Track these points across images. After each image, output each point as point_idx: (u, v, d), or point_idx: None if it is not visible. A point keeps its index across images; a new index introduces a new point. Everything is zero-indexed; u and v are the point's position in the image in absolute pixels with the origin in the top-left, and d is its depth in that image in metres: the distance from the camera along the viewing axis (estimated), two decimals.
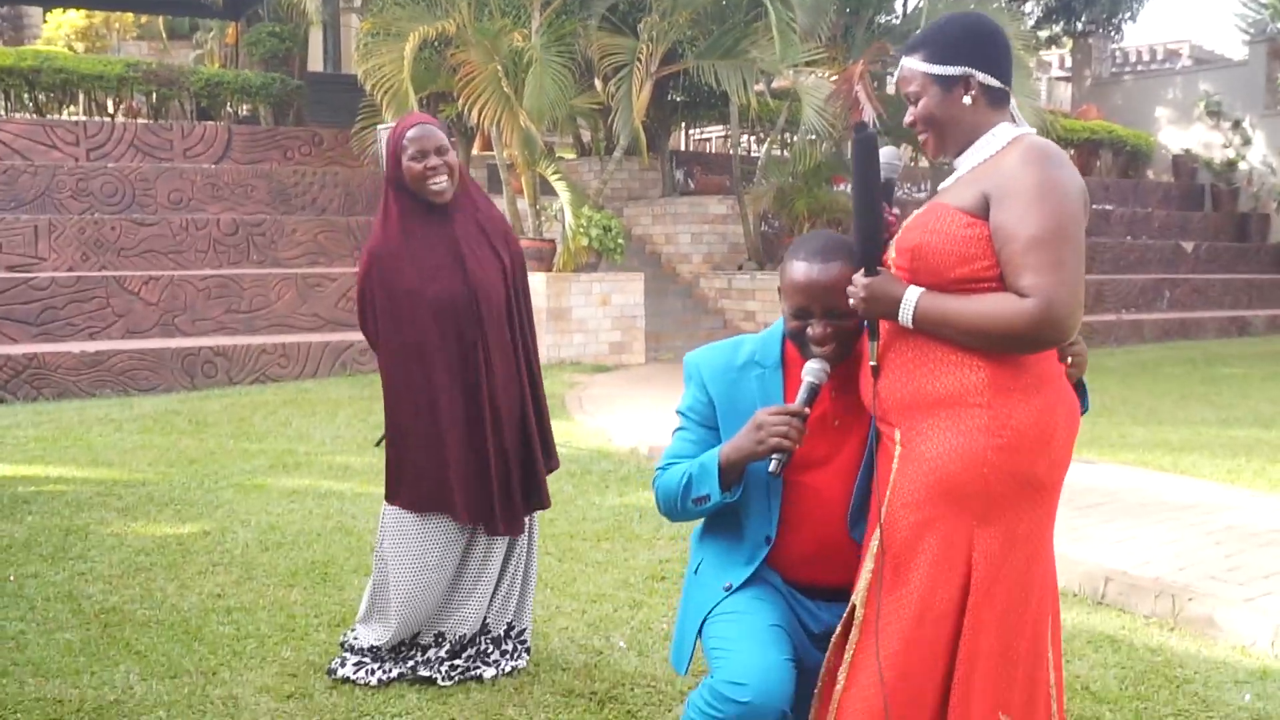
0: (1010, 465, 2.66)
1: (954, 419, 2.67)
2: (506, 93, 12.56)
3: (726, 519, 3.13)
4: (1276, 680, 4.27)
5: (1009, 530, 2.69)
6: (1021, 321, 2.57)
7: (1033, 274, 2.57)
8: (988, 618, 2.68)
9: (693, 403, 3.20)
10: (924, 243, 2.70)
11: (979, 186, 2.70)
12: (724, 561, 3.14)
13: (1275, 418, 10.52)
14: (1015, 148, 2.72)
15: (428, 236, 4.02)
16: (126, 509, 6.61)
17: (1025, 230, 2.59)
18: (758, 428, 2.89)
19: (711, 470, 2.97)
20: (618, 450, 8.66)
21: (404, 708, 3.87)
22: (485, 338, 4.04)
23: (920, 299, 2.68)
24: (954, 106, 2.80)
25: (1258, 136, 23.90)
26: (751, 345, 3.19)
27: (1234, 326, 19.64)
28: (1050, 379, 2.72)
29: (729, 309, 16.09)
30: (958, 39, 2.81)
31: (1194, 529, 6.15)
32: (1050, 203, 2.60)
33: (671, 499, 3.10)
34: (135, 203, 14.17)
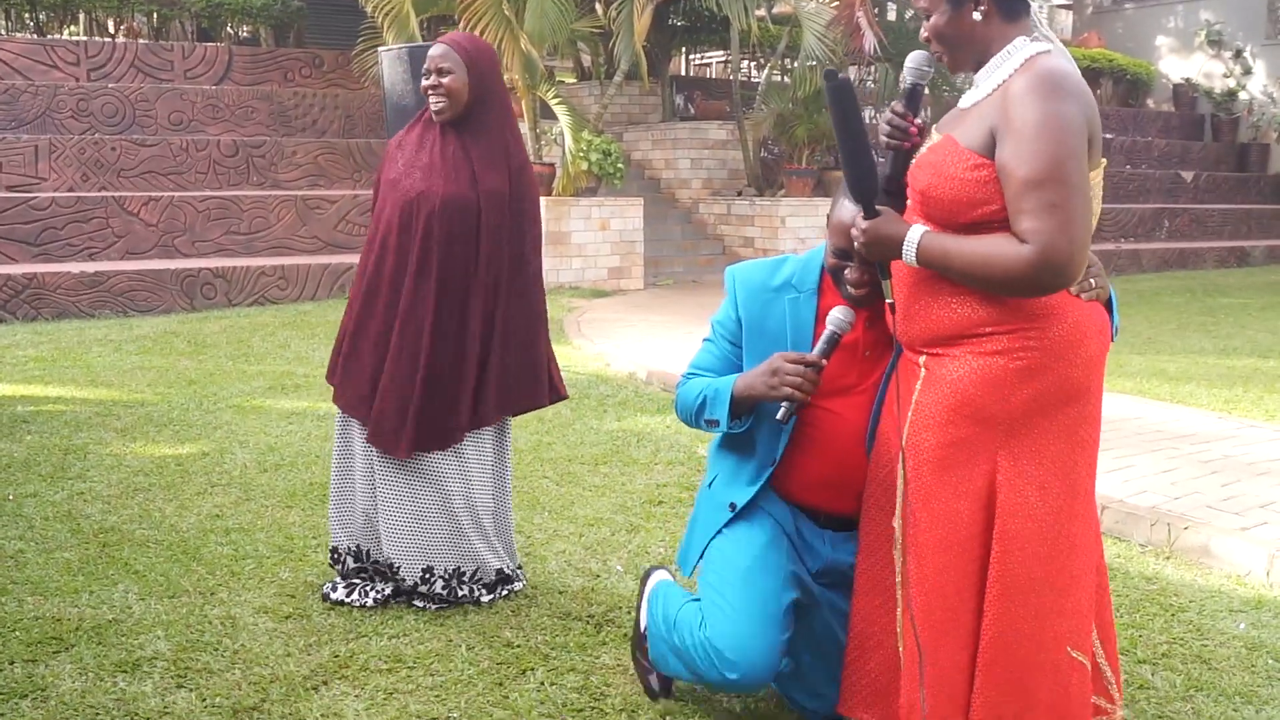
0: (1032, 386, 2.67)
1: (975, 344, 2.70)
2: (508, 16, 12.48)
3: (740, 436, 3.20)
4: (1271, 609, 4.32)
5: (1037, 451, 2.70)
6: (1018, 268, 2.55)
7: (1030, 218, 2.53)
8: (1018, 541, 2.69)
9: (723, 317, 3.28)
10: (930, 186, 2.70)
11: (987, 121, 2.66)
12: (731, 479, 3.23)
13: (1273, 348, 10.57)
14: (1024, 74, 2.63)
15: (423, 141, 4.11)
16: (125, 429, 6.68)
17: (1021, 171, 2.54)
18: (773, 373, 2.94)
19: (724, 399, 3.04)
20: (616, 375, 8.72)
21: (401, 629, 3.95)
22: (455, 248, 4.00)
23: (922, 239, 2.69)
24: (963, 22, 2.74)
25: (1258, 66, 23.72)
26: (792, 267, 3.24)
27: (1233, 257, 19.63)
28: (1071, 301, 2.71)
29: (728, 235, 16.08)
30: None
31: (1190, 458, 6.21)
32: (1048, 140, 2.53)
33: (687, 412, 3.20)
34: (135, 123, 14.11)
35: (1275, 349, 10.49)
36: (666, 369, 8.53)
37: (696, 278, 15.20)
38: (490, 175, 4.05)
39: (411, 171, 4.06)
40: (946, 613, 2.74)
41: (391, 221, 4.05)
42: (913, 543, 2.79)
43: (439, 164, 4.04)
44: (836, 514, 3.20)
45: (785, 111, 15.38)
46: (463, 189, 4.02)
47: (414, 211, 4.01)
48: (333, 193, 13.69)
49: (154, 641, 3.78)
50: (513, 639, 3.90)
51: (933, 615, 2.75)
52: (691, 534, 3.34)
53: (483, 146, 4.08)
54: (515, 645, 3.85)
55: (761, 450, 3.17)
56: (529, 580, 4.42)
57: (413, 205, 4.01)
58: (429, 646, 3.81)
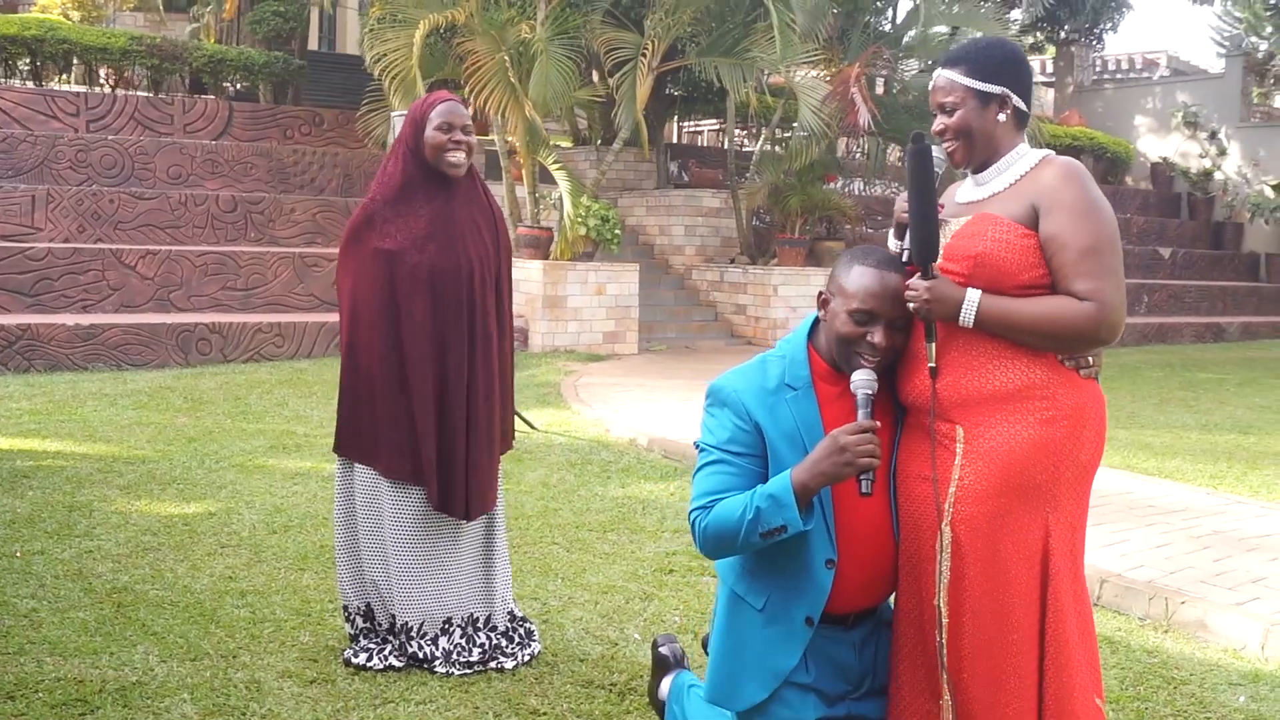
0: (1075, 452, 2.87)
1: (1021, 412, 2.86)
2: (513, 82, 12.63)
3: (774, 550, 3.04)
4: (1268, 682, 4.41)
5: (1071, 516, 2.90)
6: (1082, 322, 2.82)
7: (1087, 279, 2.82)
8: (1066, 602, 2.85)
9: (733, 434, 3.09)
10: (987, 251, 2.89)
11: (1025, 200, 2.92)
12: (791, 593, 3.08)
13: (1253, 424, 10.71)
14: (1050, 166, 2.97)
15: (425, 205, 4.13)
16: (128, 487, 6.66)
17: (1079, 240, 2.84)
18: (840, 450, 2.85)
19: (786, 500, 2.88)
20: (616, 441, 8.74)
21: (427, 695, 3.95)
22: (471, 313, 4.13)
23: (982, 300, 2.87)
24: (989, 122, 3.02)
25: (1233, 147, 24.32)
26: (778, 367, 3.15)
27: (1209, 332, 19.92)
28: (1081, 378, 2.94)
29: (720, 301, 16.18)
30: (1000, 61, 3.04)
31: (1182, 533, 6.31)
32: (1097, 216, 2.87)
33: (730, 535, 2.96)
34: (134, 176, 14.17)
35: (1255, 425, 10.63)
36: (666, 435, 8.57)
37: (689, 343, 15.27)
38: (499, 233, 4.30)
39: (427, 243, 4.08)
40: (997, 681, 2.84)
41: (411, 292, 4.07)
42: (969, 617, 2.85)
43: (458, 230, 4.12)
44: (865, 609, 3.18)
45: (779, 182, 15.53)
46: (488, 250, 4.18)
47: (443, 280, 4.07)
48: (330, 250, 13.71)
49: (180, 705, 3.77)
50: (538, 706, 3.91)
51: (983, 686, 2.83)
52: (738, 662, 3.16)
53: (480, 204, 4.24)
54: (541, 713, 3.86)
55: (816, 551, 3.04)
56: (548, 647, 4.43)
57: (444, 275, 4.07)
58: (456, 714, 3.82)
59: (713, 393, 3.19)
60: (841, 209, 16.23)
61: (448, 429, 4.11)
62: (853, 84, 14.01)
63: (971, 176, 3.13)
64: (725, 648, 3.19)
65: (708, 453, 3.12)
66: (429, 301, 4.08)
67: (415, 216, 4.11)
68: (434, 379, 4.10)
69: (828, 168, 16.09)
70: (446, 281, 4.07)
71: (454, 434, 4.11)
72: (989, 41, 3.13)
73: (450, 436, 4.11)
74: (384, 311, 4.11)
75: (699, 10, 14.13)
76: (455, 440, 4.12)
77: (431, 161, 4.12)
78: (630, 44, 13.87)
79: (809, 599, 3.05)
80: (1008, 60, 3.05)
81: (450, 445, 4.11)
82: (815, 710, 3.10)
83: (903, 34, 17.18)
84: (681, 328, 15.71)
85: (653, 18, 13.83)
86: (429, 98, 4.23)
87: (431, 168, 4.13)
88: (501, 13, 13.37)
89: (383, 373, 4.12)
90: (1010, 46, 3.13)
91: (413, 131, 4.14)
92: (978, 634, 2.86)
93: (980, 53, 3.05)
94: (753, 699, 3.11)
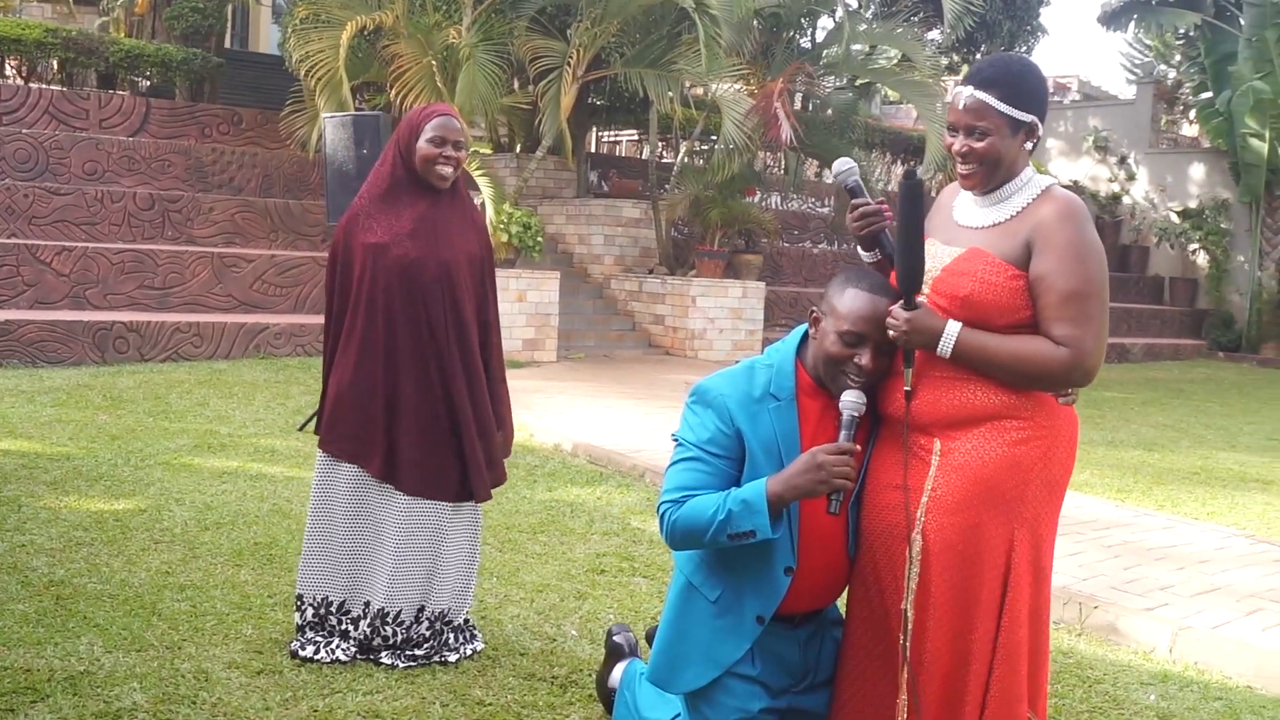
0: (1045, 471, 2.98)
1: (997, 430, 2.96)
2: (440, 87, 12.65)
3: (738, 550, 3.14)
4: (1177, 682, 4.65)
5: (1036, 532, 3.00)
6: (1054, 366, 2.90)
7: (1068, 325, 2.89)
8: (1022, 615, 2.96)
9: (714, 435, 3.19)
10: (975, 293, 2.95)
11: (1020, 237, 2.96)
12: (746, 592, 3.19)
13: (1156, 441, 11.11)
14: (1050, 202, 2.99)
15: (410, 206, 4.26)
16: (55, 483, 6.62)
17: (1064, 284, 2.89)
18: (818, 467, 2.95)
19: (759, 507, 2.98)
20: (542, 446, 8.83)
21: (374, 686, 4.02)
22: (453, 309, 4.24)
23: (960, 334, 2.94)
24: (1016, 149, 3.03)
25: (1141, 173, 24.97)
26: (764, 375, 3.25)
27: (1114, 353, 20.35)
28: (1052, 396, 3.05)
29: (639, 311, 16.30)
30: (1034, 88, 3.03)
31: (1094, 543, 6.58)
32: (1088, 263, 2.92)
33: (698, 531, 3.06)
34: (48, 171, 13.96)
35: (1159, 443, 11.02)
36: (591, 441, 8.69)
37: (607, 352, 15.37)
38: (482, 232, 4.44)
39: (407, 240, 4.20)
40: (956, 689, 2.94)
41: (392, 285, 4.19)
42: (933, 623, 2.97)
43: (443, 227, 4.25)
44: (813, 612, 3.32)
45: (700, 194, 15.69)
46: (472, 251, 4.33)
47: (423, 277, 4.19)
48: (249, 251, 13.63)
49: (130, 693, 3.81)
50: (484, 697, 4.00)
51: (939, 687, 2.95)
52: (683, 648, 3.28)
53: (465, 211, 4.39)
54: (487, 703, 3.95)
55: (777, 556, 3.14)
56: (488, 643, 4.52)
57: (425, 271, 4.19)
58: (404, 703, 3.90)
59: (698, 392, 3.28)
60: (761, 223, 16.42)
61: (424, 417, 4.21)
62: (776, 99, 14.20)
63: (973, 197, 3.13)
64: (672, 633, 3.32)
65: (685, 448, 3.21)
66: (405, 294, 4.19)
67: (400, 216, 4.25)
68: (398, 366, 4.20)
69: (748, 181, 16.28)
70: (425, 277, 4.20)
71: (433, 421, 4.22)
72: (1021, 64, 3.09)
73: (432, 423, 4.22)
74: (357, 301, 4.25)
75: (625, 21, 14.24)
76: (436, 427, 4.23)
77: (420, 171, 4.24)
78: (556, 52, 13.94)
79: (763, 600, 3.17)
80: (1039, 86, 3.05)
81: (432, 432, 4.22)
82: (759, 700, 3.24)
83: (823, 52, 17.45)
84: (600, 336, 15.81)
85: (578, 27, 13.93)
86: (427, 108, 4.34)
87: (417, 173, 4.26)
88: (428, 17, 13.38)
89: (354, 361, 4.23)
90: (1039, 71, 3.11)
91: (406, 137, 4.27)
92: (939, 638, 2.97)
93: (1016, 77, 3.02)
94: (692, 684, 3.25)
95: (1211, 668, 4.85)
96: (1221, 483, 9.08)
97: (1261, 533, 7.26)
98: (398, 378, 4.21)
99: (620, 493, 7.33)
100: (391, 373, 4.21)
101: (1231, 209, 23.14)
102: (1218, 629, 5.11)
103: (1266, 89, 20.84)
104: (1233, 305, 23.18)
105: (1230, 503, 8.27)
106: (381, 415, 4.21)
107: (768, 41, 16.68)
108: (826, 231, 20.04)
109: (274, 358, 12.30)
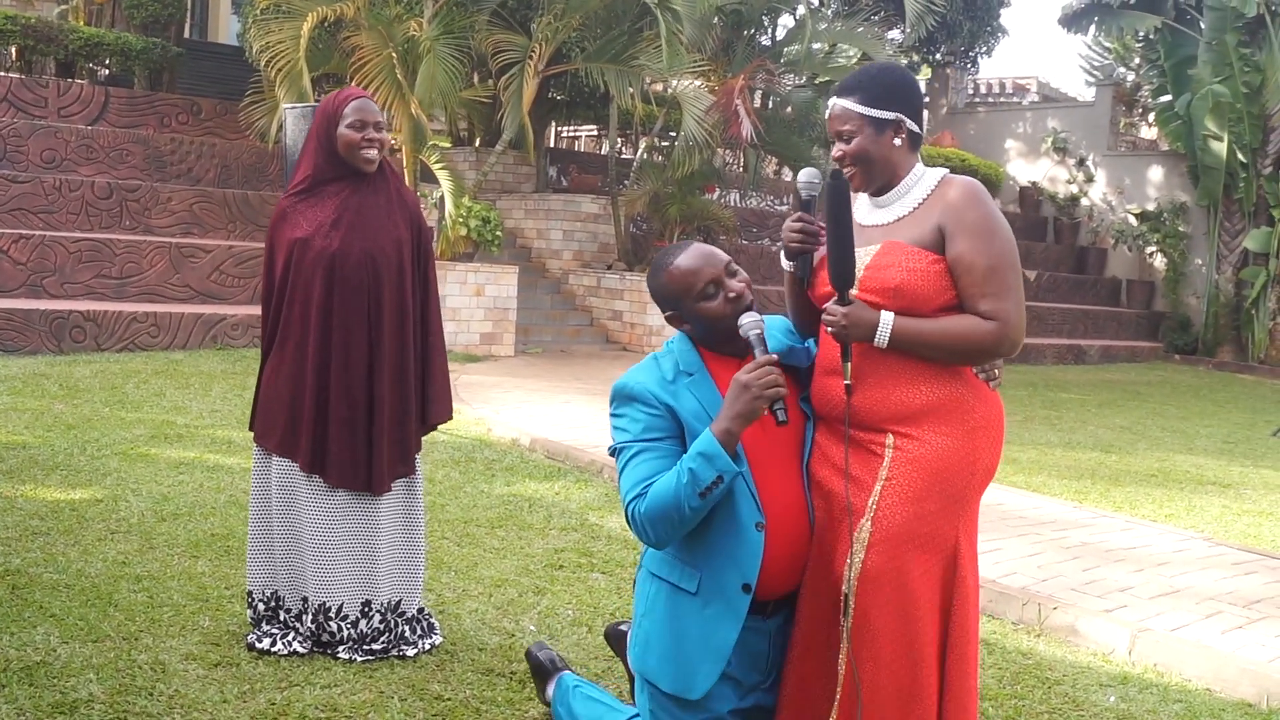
0: (986, 461, 3.11)
1: (948, 422, 3.07)
2: (400, 79, 12.64)
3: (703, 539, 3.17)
4: (1136, 684, 4.70)
5: (972, 520, 3.13)
6: (986, 339, 3.05)
7: (991, 300, 3.05)
8: (968, 604, 3.07)
9: (648, 422, 3.20)
10: (904, 283, 3.06)
11: (930, 223, 3.10)
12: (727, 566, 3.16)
13: (1113, 443, 11.20)
14: (950, 187, 3.14)
15: (334, 196, 4.27)
16: (11, 472, 6.60)
17: (983, 262, 3.05)
18: (744, 388, 3.00)
19: (714, 451, 2.98)
20: (499, 440, 8.86)
21: (332, 679, 4.05)
22: (376, 297, 4.27)
23: (895, 322, 3.06)
24: (885, 146, 3.17)
25: (1099, 175, 25.03)
26: (669, 360, 3.30)
27: (1070, 354, 20.52)
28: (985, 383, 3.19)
29: (596, 307, 16.32)
30: (891, 87, 3.19)
31: (1053, 544, 6.62)
32: (999, 237, 3.08)
33: (670, 507, 3.04)
34: (6, 158, 13.85)
35: (1116, 444, 11.12)
36: (549, 436, 8.72)
37: (564, 347, 15.40)
38: (413, 218, 4.43)
39: (332, 230, 4.23)
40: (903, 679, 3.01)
41: (312, 277, 4.21)
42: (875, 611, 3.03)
43: (368, 214, 4.27)
44: (782, 600, 3.28)
45: (659, 190, 15.73)
46: (401, 235, 4.33)
47: (345, 266, 4.21)
48: (207, 242, 13.57)
49: (87, 684, 3.82)
50: (442, 692, 4.03)
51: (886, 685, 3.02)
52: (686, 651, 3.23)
53: (391, 193, 4.38)
54: (445, 698, 3.98)
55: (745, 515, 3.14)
56: (446, 637, 4.54)
57: (346, 260, 4.21)
58: (362, 698, 3.92)
59: (616, 392, 3.29)
60: (719, 219, 16.47)
61: (342, 406, 4.23)
62: (736, 96, 14.25)
63: (870, 199, 3.26)
64: (671, 641, 3.25)
65: (627, 449, 3.21)
66: (326, 285, 4.21)
67: (323, 206, 4.26)
68: (321, 358, 4.23)
69: (707, 178, 16.34)
70: (349, 265, 4.21)
71: (351, 410, 4.24)
72: (879, 68, 3.27)
73: (347, 413, 4.23)
74: (287, 296, 4.27)
75: (587, 15, 14.27)
76: (353, 416, 4.24)
77: (345, 157, 4.25)
78: (518, 46, 13.95)
79: (743, 564, 3.14)
80: (898, 86, 3.19)
81: (352, 422, 4.23)
82: (728, 702, 3.25)
83: (783, 50, 17.52)
84: (558, 331, 15.83)
85: (540, 21, 13.94)
86: (340, 94, 4.33)
87: (341, 160, 4.27)
88: (389, 9, 13.35)
89: (287, 356, 4.26)
90: (900, 72, 3.28)
91: (325, 126, 4.25)
92: (883, 625, 3.02)
93: (872, 80, 3.19)
94: (706, 683, 3.19)
95: (1171, 670, 4.88)
96: (1179, 485, 9.17)
97: (1219, 535, 7.33)
98: (328, 370, 4.23)
99: (578, 488, 7.37)
100: (322, 365, 4.23)
101: (1189, 212, 23.23)
102: (1177, 631, 5.16)
103: (1226, 92, 20.99)
104: (1189, 308, 23.25)
105: (1188, 505, 8.34)
106: (310, 409, 4.22)
107: (729, 38, 16.71)
108: None
109: (231, 349, 12.25)
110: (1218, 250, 22.45)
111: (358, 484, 4.25)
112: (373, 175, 4.33)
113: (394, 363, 4.31)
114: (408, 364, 4.35)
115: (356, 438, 4.25)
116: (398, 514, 4.40)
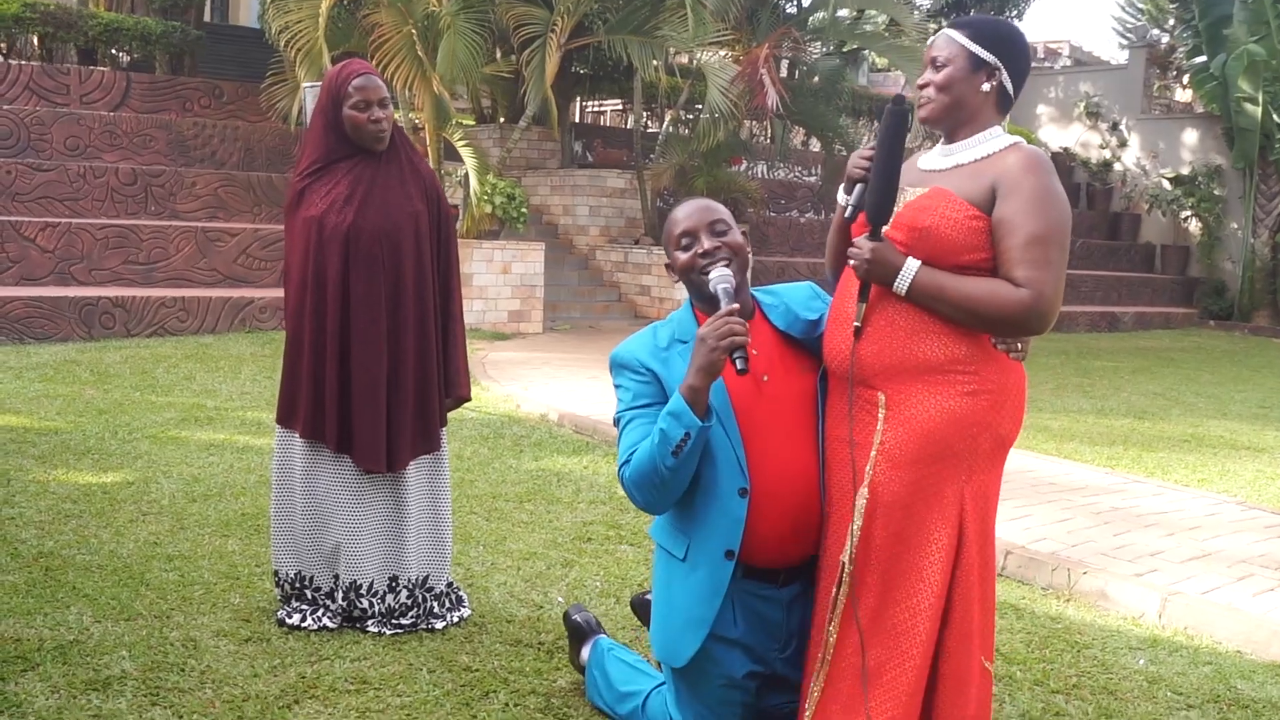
0: (994, 425, 2.97)
1: (945, 384, 2.95)
2: (420, 56, 12.60)
3: (695, 503, 3.19)
4: (1166, 647, 4.64)
5: (984, 487, 3.00)
6: (1013, 308, 2.88)
7: (1028, 267, 2.88)
8: (975, 570, 2.97)
9: (637, 390, 3.27)
10: (933, 226, 2.96)
11: (985, 180, 2.97)
12: (713, 532, 3.18)
13: (1146, 409, 11.09)
14: (1016, 152, 3.01)
15: (347, 172, 4.22)
16: (43, 456, 6.62)
17: (1027, 227, 2.88)
18: (701, 340, 2.99)
19: (679, 408, 3.01)
20: (528, 416, 8.85)
21: (361, 653, 4.04)
22: (396, 272, 4.22)
23: (919, 271, 2.95)
24: (972, 88, 3.06)
25: (1133, 139, 24.72)
26: (667, 329, 3.35)
27: (1104, 321, 20.34)
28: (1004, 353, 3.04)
29: (624, 282, 16.29)
30: (1003, 37, 3.09)
31: (1084, 509, 6.55)
32: (1052, 208, 2.91)
33: (649, 470, 3.08)
34: (30, 146, 13.90)
35: (1149, 411, 11.01)
36: (576, 411, 8.70)
37: (593, 323, 15.38)
38: (428, 189, 4.38)
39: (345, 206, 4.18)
40: (896, 639, 2.97)
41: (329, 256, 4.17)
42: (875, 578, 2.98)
43: (381, 189, 4.22)
44: (797, 569, 3.26)
45: (685, 163, 15.65)
46: (416, 209, 4.28)
47: (360, 242, 4.16)
48: (233, 225, 13.60)
49: (120, 661, 3.82)
50: (470, 663, 4.02)
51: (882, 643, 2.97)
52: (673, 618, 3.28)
53: (404, 165, 4.32)
54: (474, 669, 3.96)
55: (726, 480, 3.15)
56: (474, 610, 4.53)
57: (360, 237, 4.16)
58: (391, 669, 3.91)
59: (611, 362, 3.38)
60: (746, 191, 16.39)
61: (365, 384, 4.19)
62: (761, 65, 14.15)
63: (940, 145, 3.16)
64: (661, 606, 3.33)
65: (623, 416, 3.29)
66: (342, 262, 4.16)
67: (336, 183, 4.21)
68: (343, 336, 4.19)
69: (733, 150, 16.25)
70: (364, 241, 4.16)
71: (374, 388, 4.20)
72: (999, 19, 3.20)
73: (369, 391, 4.20)
74: (306, 276, 4.22)
75: None
76: (375, 394, 4.20)
77: (352, 136, 4.20)
78: (539, 20, 13.89)
79: (725, 531, 3.15)
80: (1010, 39, 3.10)
81: (370, 400, 4.19)
82: (742, 666, 3.25)
83: (809, 17, 17.37)
84: (586, 308, 15.81)
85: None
86: (342, 70, 4.26)
87: (351, 139, 4.22)
88: None
89: (307, 337, 4.22)
90: (1017, 30, 3.17)
91: (330, 105, 4.21)
92: (884, 594, 2.97)
93: (986, 23, 3.12)
94: (689, 651, 3.22)
95: (1201, 633, 4.82)
96: (1212, 450, 9.07)
97: (1252, 499, 7.24)
98: (349, 349, 4.19)
99: (606, 462, 7.34)
100: (343, 346, 4.19)
101: (1225, 175, 22.94)
102: (1208, 594, 5.10)
103: (1262, 52, 20.65)
104: (1225, 273, 23.01)
105: (1221, 470, 8.25)
106: (334, 389, 4.19)
107: (753, 6, 16.53)
108: (813, 201, 19.93)
109: (259, 331, 12.29)
110: (1254, 214, 22.17)
111: (379, 464, 4.22)
112: (386, 150, 4.28)
113: (417, 339, 4.27)
114: (429, 340, 4.31)
115: (379, 416, 4.21)
116: (424, 491, 4.37)
